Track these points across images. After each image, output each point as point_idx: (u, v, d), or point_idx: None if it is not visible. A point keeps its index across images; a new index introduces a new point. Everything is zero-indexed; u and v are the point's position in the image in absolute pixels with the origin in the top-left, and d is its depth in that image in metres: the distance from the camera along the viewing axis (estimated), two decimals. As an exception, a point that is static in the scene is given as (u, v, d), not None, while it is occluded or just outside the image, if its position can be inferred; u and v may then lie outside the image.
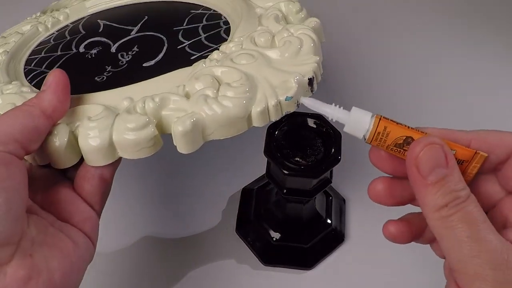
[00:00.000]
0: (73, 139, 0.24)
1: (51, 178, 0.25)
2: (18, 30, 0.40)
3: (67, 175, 0.26)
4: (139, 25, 0.36)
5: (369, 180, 0.25)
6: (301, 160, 0.30)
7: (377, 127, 0.21)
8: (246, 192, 0.41)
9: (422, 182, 0.20)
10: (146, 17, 0.37)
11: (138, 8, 0.40)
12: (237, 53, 0.27)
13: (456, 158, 0.20)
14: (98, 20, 0.39)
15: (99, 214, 0.26)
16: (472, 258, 0.18)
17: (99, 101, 0.26)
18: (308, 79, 0.25)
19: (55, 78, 0.24)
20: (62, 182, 0.25)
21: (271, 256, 0.37)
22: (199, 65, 0.27)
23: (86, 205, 0.24)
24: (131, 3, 0.41)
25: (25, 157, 0.24)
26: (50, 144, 0.23)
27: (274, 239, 0.37)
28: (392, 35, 0.58)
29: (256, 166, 0.40)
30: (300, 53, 0.27)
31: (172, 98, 0.25)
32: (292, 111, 0.25)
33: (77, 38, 0.37)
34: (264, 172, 0.33)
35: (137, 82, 0.27)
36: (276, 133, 0.31)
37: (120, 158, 0.25)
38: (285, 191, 0.31)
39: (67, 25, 0.40)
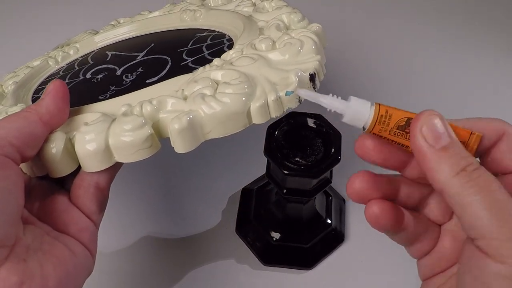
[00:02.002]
0: (70, 146, 0.24)
1: (48, 189, 0.25)
2: (28, 65, 0.40)
3: (65, 187, 0.26)
4: (145, 51, 0.36)
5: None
6: (301, 160, 0.30)
7: (379, 111, 0.21)
8: (246, 192, 0.41)
9: (432, 150, 0.19)
10: (153, 44, 0.38)
11: (145, 38, 0.41)
12: (237, 57, 0.27)
13: None
14: (107, 52, 0.40)
15: (97, 225, 0.25)
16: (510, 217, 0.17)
17: (97, 110, 0.26)
18: (310, 74, 0.25)
19: (55, 86, 0.24)
20: (59, 193, 0.25)
21: (271, 256, 0.37)
22: (198, 71, 0.27)
23: (83, 215, 0.24)
24: (138, 34, 0.42)
25: (23, 169, 0.24)
26: (46, 151, 0.23)
27: (274, 239, 0.37)
28: (393, 37, 0.58)
29: (256, 166, 0.40)
30: (300, 54, 0.27)
31: (170, 101, 0.24)
32: (293, 107, 0.24)
33: (85, 68, 0.37)
34: (264, 172, 0.33)
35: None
36: (276, 133, 0.31)
37: (117, 168, 0.25)
38: (285, 191, 0.31)
39: (76, 59, 0.41)
